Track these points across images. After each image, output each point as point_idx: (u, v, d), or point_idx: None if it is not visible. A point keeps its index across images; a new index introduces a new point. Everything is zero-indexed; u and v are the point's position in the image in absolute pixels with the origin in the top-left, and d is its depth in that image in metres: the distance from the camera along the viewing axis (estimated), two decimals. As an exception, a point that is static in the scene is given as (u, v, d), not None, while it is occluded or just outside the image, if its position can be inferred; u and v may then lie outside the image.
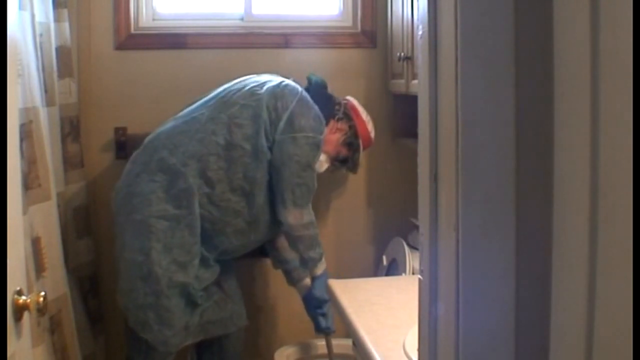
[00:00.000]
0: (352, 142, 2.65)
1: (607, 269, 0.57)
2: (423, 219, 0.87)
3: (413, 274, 2.50)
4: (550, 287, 0.65)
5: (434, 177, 0.83)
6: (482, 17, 0.72)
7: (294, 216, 2.43)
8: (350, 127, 2.63)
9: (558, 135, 0.64)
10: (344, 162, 2.70)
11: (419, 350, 0.90)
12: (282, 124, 2.41)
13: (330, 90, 2.69)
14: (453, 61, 0.75)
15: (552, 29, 0.64)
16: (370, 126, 2.69)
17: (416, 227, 2.49)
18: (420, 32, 0.85)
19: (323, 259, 2.55)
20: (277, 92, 2.46)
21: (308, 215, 2.46)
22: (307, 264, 2.52)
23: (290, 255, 2.60)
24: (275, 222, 2.49)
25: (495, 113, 0.71)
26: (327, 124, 2.55)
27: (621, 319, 0.55)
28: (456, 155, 0.75)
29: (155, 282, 2.31)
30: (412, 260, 2.57)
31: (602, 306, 0.57)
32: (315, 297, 2.56)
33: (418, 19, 0.89)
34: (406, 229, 2.86)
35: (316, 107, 2.50)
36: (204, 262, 2.42)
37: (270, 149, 2.42)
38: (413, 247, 2.63)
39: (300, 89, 2.53)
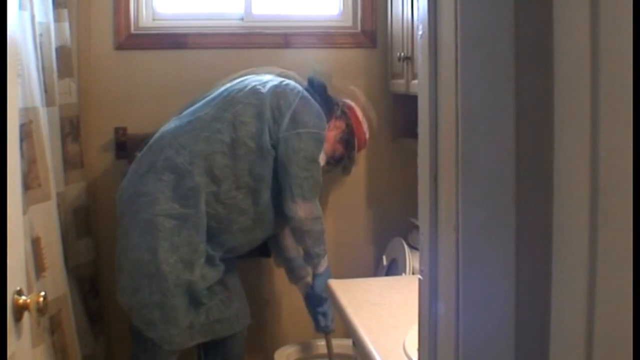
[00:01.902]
0: (349, 139, 2.67)
1: (607, 269, 0.57)
2: (423, 219, 0.87)
3: (413, 274, 2.50)
4: (550, 287, 0.65)
5: (434, 177, 0.83)
6: (482, 17, 0.72)
7: (304, 210, 2.44)
8: (347, 125, 2.65)
9: (558, 135, 0.64)
10: (339, 161, 2.71)
11: (419, 350, 0.90)
12: (285, 122, 2.43)
13: (330, 89, 2.69)
14: (453, 61, 0.75)
15: (552, 29, 0.64)
16: (365, 127, 2.71)
17: (416, 227, 2.49)
18: (420, 32, 0.85)
19: (326, 257, 2.57)
20: (279, 91, 2.48)
21: (317, 209, 2.49)
22: (312, 259, 2.54)
23: (294, 253, 2.64)
24: (279, 219, 2.51)
25: (495, 113, 0.71)
26: (327, 122, 2.56)
27: (621, 319, 0.55)
28: (456, 155, 0.75)
29: (162, 280, 2.32)
30: (412, 260, 2.57)
31: (602, 306, 0.57)
32: (315, 295, 2.57)
33: (418, 19, 0.89)
34: (406, 229, 2.86)
35: (317, 105, 2.52)
36: (209, 261, 2.43)
37: (274, 147, 2.43)
38: (413, 247, 2.63)
39: (300, 87, 2.55)
